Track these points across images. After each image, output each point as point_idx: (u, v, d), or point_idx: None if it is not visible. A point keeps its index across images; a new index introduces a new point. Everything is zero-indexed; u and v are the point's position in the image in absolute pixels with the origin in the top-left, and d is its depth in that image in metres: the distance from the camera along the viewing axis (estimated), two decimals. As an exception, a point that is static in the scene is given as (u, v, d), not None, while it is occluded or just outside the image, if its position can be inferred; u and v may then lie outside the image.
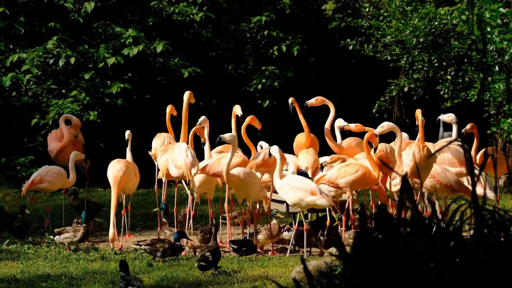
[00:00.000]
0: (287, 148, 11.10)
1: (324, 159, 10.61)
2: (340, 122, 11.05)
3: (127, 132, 10.74)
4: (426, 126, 10.12)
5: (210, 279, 7.96)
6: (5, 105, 15.49)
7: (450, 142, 9.44)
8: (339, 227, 9.67)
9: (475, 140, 10.62)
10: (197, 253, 9.29)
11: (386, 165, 9.45)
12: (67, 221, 10.95)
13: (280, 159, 9.43)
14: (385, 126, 9.73)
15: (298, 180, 9.29)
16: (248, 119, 10.57)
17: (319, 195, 9.06)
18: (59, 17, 16.28)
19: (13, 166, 15.34)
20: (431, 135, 12.83)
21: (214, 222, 10.11)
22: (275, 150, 9.55)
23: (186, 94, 10.70)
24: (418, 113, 9.95)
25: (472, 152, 10.29)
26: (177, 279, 7.92)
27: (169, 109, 10.99)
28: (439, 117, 10.47)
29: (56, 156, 12.05)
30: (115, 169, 10.11)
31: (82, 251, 9.62)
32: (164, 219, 10.12)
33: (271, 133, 10.61)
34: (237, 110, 10.59)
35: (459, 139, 9.78)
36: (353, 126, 10.56)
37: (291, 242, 9.71)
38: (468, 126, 10.77)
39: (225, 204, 10.01)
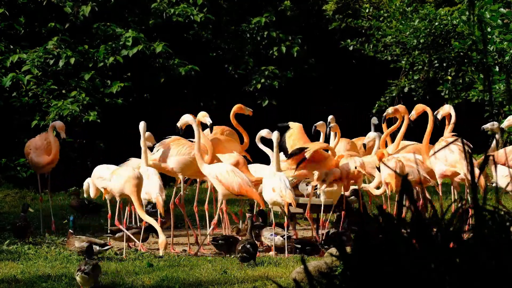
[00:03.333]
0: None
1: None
2: (374, 120, 11.41)
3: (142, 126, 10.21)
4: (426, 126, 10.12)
5: (210, 279, 7.96)
6: (6, 105, 15.50)
7: (452, 142, 9.40)
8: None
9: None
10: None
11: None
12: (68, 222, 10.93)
13: (277, 147, 9.51)
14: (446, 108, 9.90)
15: (268, 177, 9.40)
16: (235, 108, 10.68)
17: (276, 191, 9.16)
18: (59, 18, 16.30)
19: (13, 167, 15.35)
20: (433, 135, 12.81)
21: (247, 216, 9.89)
22: (275, 136, 9.62)
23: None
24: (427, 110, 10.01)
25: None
26: (178, 280, 7.92)
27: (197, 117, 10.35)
28: (483, 126, 10.11)
29: (43, 167, 11.39)
30: (134, 177, 9.42)
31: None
32: (71, 230, 9.45)
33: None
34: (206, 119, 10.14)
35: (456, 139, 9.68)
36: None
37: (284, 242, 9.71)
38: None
39: (223, 204, 10.05)
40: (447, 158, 9.36)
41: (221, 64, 17.63)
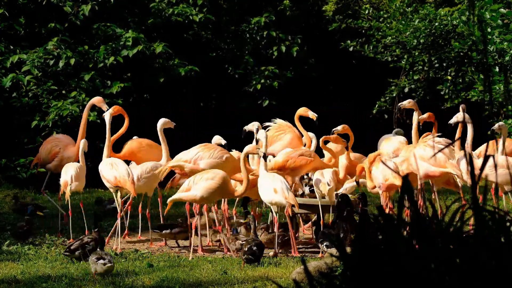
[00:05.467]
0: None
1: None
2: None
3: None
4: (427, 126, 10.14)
5: (210, 280, 7.96)
6: (6, 106, 15.50)
7: (453, 142, 9.40)
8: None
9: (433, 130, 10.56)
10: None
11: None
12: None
13: (265, 146, 9.51)
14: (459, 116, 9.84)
15: (265, 177, 9.39)
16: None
17: (279, 193, 9.18)
18: (59, 18, 16.30)
19: (13, 167, 15.34)
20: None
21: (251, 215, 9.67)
22: (262, 135, 9.60)
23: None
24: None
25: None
26: (178, 280, 7.92)
27: None
28: (492, 127, 10.12)
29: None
30: (227, 175, 9.48)
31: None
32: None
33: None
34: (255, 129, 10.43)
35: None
36: (340, 128, 10.42)
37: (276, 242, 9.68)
38: (425, 115, 10.67)
39: (223, 205, 10.07)
40: (436, 158, 9.27)
41: (221, 64, 17.63)
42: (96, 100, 11.44)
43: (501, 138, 9.84)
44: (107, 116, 10.76)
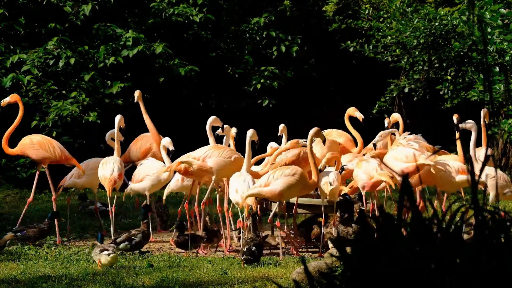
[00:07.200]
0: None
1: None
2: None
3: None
4: (426, 126, 10.15)
5: (210, 280, 7.96)
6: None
7: (436, 151, 9.56)
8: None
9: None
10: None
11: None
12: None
13: (249, 145, 9.65)
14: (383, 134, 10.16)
15: (234, 177, 9.54)
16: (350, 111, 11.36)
17: (238, 193, 9.32)
18: (59, 18, 16.30)
19: (13, 167, 15.34)
20: (431, 136, 12.82)
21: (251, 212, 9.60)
22: (248, 134, 9.76)
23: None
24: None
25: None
26: (178, 280, 7.92)
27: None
28: (460, 125, 10.35)
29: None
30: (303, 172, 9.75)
31: (82, 252, 9.63)
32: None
33: (270, 133, 10.63)
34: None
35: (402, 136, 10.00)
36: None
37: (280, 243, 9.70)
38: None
39: (225, 204, 10.09)
40: (408, 155, 9.51)
41: (221, 64, 17.63)
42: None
43: (472, 137, 10.00)
44: (116, 119, 10.83)
